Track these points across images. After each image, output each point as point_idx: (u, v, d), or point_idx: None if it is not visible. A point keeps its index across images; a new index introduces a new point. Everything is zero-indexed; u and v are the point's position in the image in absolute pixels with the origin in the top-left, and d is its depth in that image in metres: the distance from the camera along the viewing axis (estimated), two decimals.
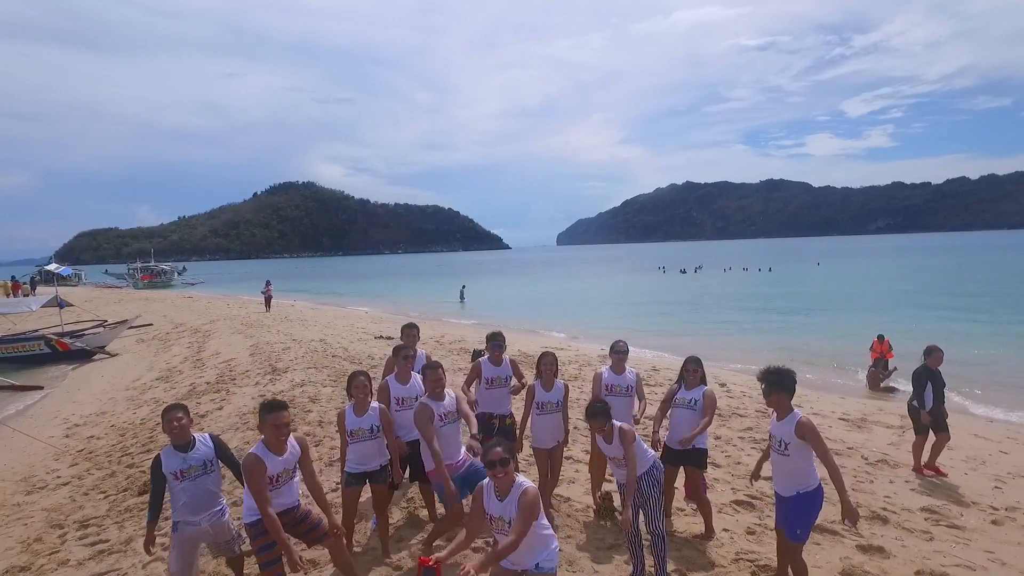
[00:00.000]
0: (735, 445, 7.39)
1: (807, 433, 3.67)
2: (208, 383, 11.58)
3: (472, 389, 5.44)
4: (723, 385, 10.86)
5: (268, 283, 27.09)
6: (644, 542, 4.17)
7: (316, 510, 3.86)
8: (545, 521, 3.25)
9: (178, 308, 28.88)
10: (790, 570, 3.93)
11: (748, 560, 4.50)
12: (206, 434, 3.96)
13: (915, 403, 6.59)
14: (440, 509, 4.83)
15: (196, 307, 28.97)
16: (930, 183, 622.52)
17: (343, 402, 8.99)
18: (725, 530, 4.99)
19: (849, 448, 7.33)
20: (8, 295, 42.23)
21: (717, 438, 7.50)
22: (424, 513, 5.19)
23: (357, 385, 4.42)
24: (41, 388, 14.07)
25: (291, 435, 3.64)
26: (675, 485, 5.10)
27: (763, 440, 7.38)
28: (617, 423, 4.09)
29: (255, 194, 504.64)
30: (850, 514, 3.61)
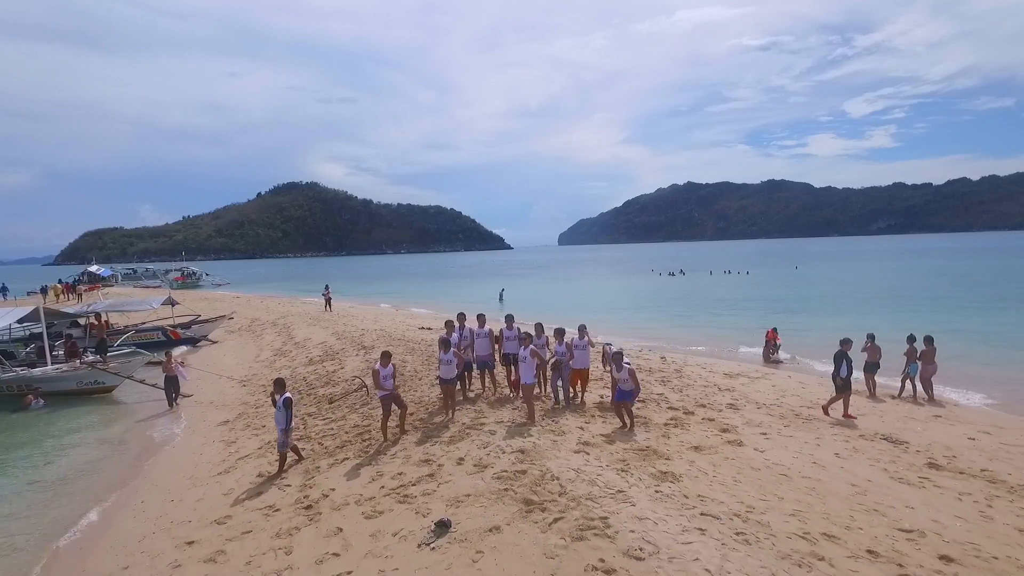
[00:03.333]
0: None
1: (633, 375, 9.22)
2: (318, 355, 17.26)
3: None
4: (663, 358, 16.44)
5: (327, 287, 32.75)
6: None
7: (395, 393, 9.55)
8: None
9: (240, 306, 34.48)
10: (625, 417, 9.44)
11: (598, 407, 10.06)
12: (287, 395, 9.06)
13: (834, 373, 10.92)
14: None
15: (257, 305, 34.68)
16: (931, 184, 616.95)
17: (422, 364, 14.66)
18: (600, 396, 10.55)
19: (731, 389, 12.86)
20: (57, 297, 48.04)
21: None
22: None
23: (441, 341, 10.22)
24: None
25: (391, 363, 9.36)
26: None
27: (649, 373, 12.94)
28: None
29: (259, 194, 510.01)
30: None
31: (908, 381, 12.77)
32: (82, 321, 22.36)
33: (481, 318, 11.75)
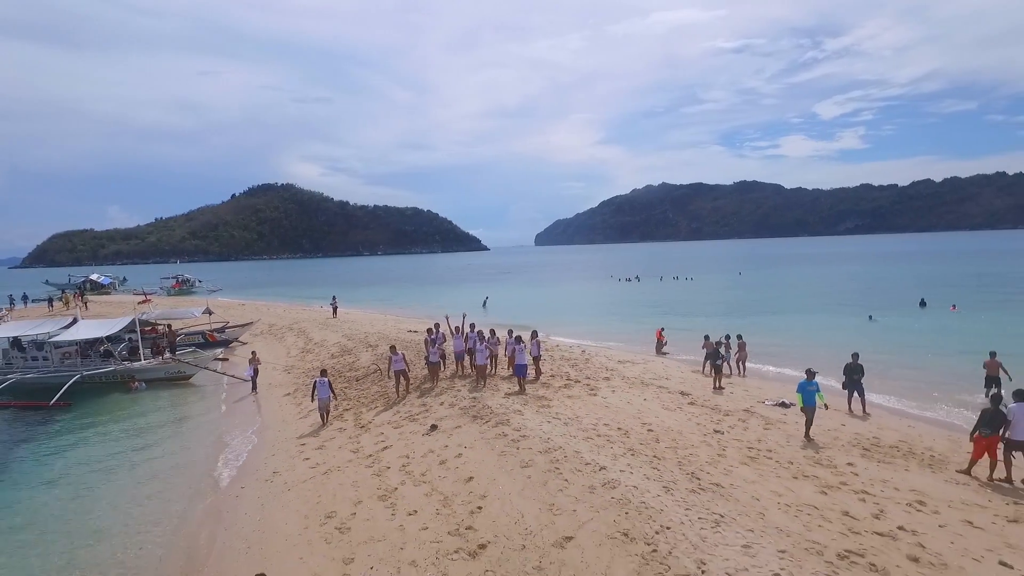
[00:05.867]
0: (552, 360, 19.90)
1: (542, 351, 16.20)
2: (337, 352, 23.97)
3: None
4: (583, 351, 23.45)
5: (334, 297, 39.69)
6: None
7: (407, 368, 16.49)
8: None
9: (249, 313, 40.68)
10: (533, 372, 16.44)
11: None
12: (325, 379, 15.87)
13: (719, 362, 18.53)
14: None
15: (266, 312, 40.93)
16: (896, 185, 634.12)
17: (413, 356, 21.45)
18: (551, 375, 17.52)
19: (623, 372, 19.86)
20: (67, 304, 53.68)
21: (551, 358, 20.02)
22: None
23: (427, 340, 17.08)
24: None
25: (403, 354, 16.26)
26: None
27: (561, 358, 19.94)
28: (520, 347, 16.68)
29: (233, 195, 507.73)
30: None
31: (726, 364, 20.04)
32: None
33: (458, 328, 18.53)
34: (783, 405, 15.39)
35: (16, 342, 23.58)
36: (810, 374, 13.06)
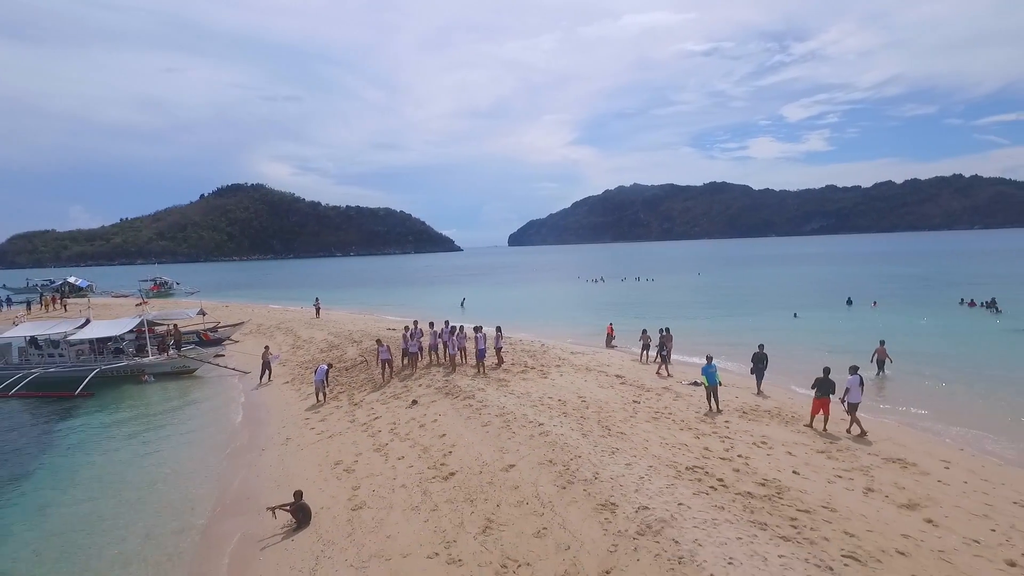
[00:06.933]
0: (515, 349, 23.49)
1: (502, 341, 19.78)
2: (326, 347, 27.15)
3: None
4: (542, 344, 27.07)
5: (317, 298, 42.61)
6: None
7: (393, 357, 19.90)
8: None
9: (236, 314, 43.31)
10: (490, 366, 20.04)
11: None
12: (324, 365, 19.48)
13: (664, 352, 22.19)
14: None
15: (250, 313, 43.59)
16: (860, 187, 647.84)
17: (395, 348, 24.84)
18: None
19: (583, 359, 23.51)
20: (46, 307, 55.48)
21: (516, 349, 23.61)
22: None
23: (405, 335, 20.56)
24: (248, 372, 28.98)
25: (387, 345, 19.67)
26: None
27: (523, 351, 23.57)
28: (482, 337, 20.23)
29: (202, 196, 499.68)
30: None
31: (653, 353, 23.85)
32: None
33: (434, 325, 22.00)
34: (694, 384, 19.23)
35: (33, 341, 26.15)
36: (709, 359, 16.85)
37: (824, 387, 14.32)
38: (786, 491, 10.19)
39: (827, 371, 14.65)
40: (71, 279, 75.53)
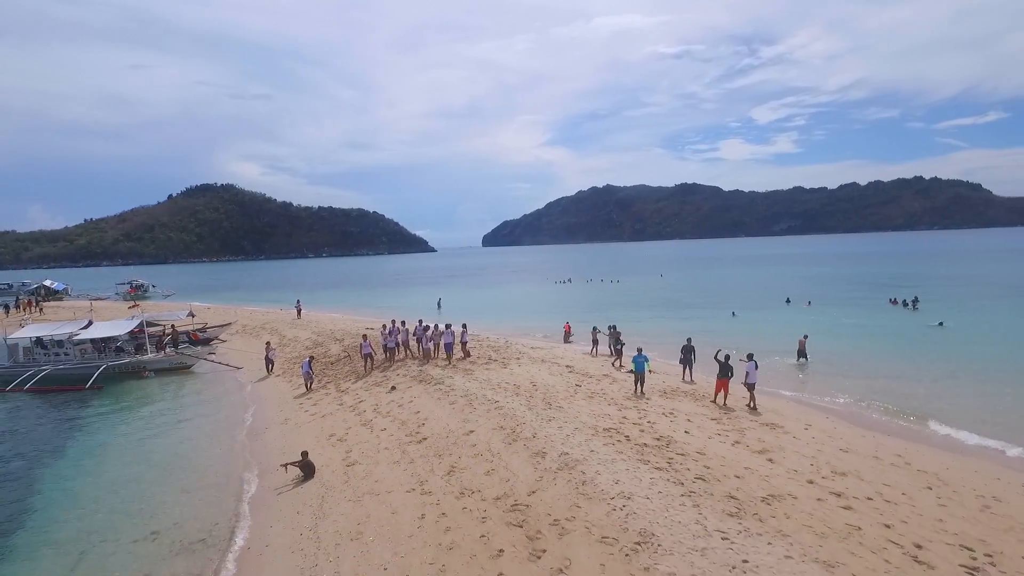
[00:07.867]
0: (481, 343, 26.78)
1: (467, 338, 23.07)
2: (311, 344, 30.04)
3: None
4: (507, 341, 30.41)
5: (299, 300, 45.29)
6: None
7: (375, 352, 23.04)
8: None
9: (221, 316, 45.62)
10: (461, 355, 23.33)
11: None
12: (307, 359, 22.68)
13: (619, 346, 25.56)
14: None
15: (234, 314, 45.97)
16: (826, 188, 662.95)
17: (374, 344, 27.97)
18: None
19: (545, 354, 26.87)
20: (25, 310, 56.89)
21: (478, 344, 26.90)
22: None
23: (383, 332, 23.70)
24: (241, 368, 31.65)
25: (369, 341, 22.83)
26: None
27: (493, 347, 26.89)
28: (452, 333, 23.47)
29: (170, 196, 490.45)
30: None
31: (600, 347, 27.37)
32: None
33: (407, 322, 25.22)
34: (631, 372, 22.77)
35: (39, 341, 28.45)
36: (639, 350, 20.35)
37: (724, 370, 17.95)
38: (673, 443, 13.72)
39: (727, 357, 18.28)
40: (47, 282, 76.26)
